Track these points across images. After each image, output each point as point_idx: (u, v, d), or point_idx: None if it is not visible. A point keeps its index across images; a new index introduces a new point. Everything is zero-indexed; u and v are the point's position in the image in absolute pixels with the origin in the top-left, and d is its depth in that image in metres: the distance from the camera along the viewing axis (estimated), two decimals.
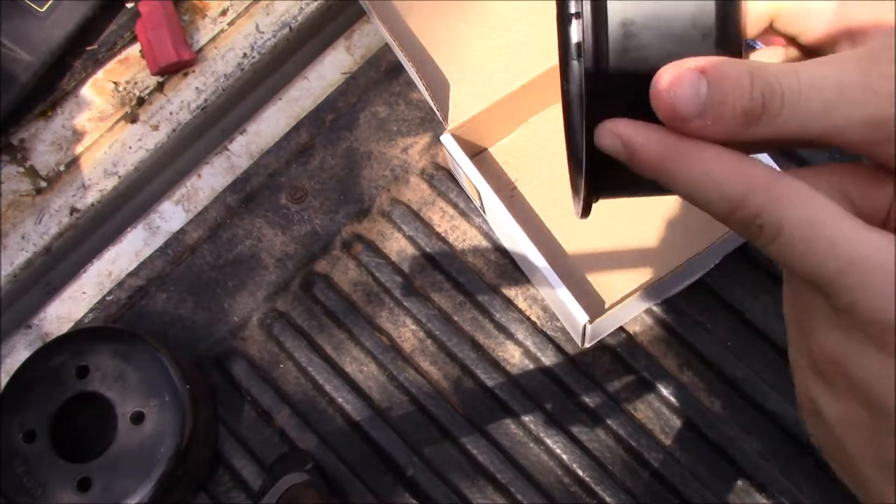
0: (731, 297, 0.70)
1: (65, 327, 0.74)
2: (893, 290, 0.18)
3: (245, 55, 0.79)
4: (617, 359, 0.70)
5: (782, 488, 0.66)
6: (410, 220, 0.75)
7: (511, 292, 0.73)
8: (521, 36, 0.70)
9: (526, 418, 0.69)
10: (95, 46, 0.79)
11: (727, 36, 0.24)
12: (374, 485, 0.68)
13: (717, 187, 0.21)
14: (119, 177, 0.76)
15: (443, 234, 0.74)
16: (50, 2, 0.75)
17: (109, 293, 0.74)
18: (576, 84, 0.28)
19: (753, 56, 0.28)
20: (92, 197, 0.76)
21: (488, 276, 0.73)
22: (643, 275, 0.69)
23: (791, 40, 0.26)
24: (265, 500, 0.64)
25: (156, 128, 0.78)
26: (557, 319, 0.71)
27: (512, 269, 0.73)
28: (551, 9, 0.80)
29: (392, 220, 0.75)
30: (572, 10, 0.28)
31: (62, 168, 0.76)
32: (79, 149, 0.77)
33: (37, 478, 0.62)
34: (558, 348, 0.71)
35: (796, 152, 0.74)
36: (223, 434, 0.70)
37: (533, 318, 0.72)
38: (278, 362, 0.72)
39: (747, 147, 0.22)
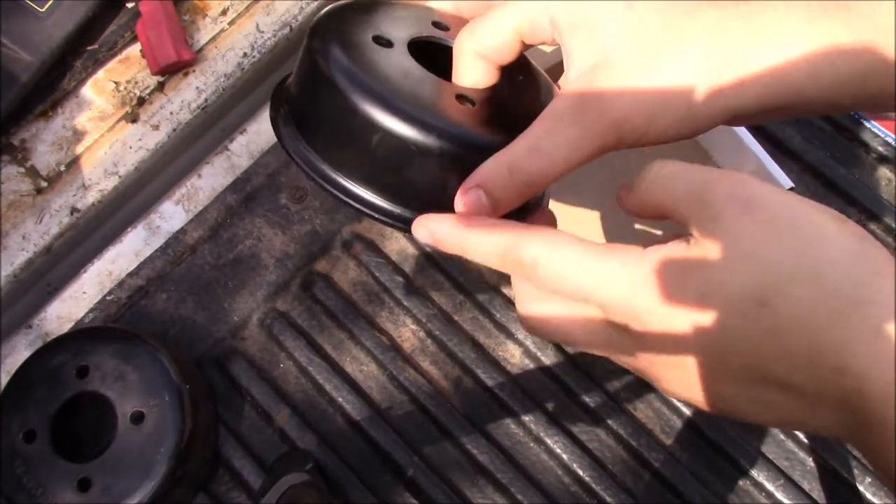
0: None
1: (65, 327, 0.74)
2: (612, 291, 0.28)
3: (245, 55, 0.79)
4: None
5: (782, 487, 0.66)
6: None
7: (512, 292, 0.73)
8: None
9: (526, 418, 0.69)
10: (96, 46, 0.79)
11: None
12: (374, 484, 0.68)
13: (489, 254, 0.30)
14: (119, 176, 0.76)
15: None
16: (50, 2, 0.75)
17: (109, 293, 0.74)
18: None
19: None
20: (92, 197, 0.76)
21: (489, 276, 0.73)
22: None
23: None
24: (265, 499, 0.64)
25: (156, 127, 0.78)
26: None
27: None
28: None
29: None
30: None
31: (63, 168, 0.76)
32: (79, 149, 0.77)
33: (37, 478, 0.62)
34: (559, 348, 0.71)
35: (781, 140, 0.74)
36: (223, 434, 0.70)
37: None
38: (278, 362, 0.72)
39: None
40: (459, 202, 0.30)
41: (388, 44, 0.34)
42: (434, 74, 0.33)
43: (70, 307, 0.75)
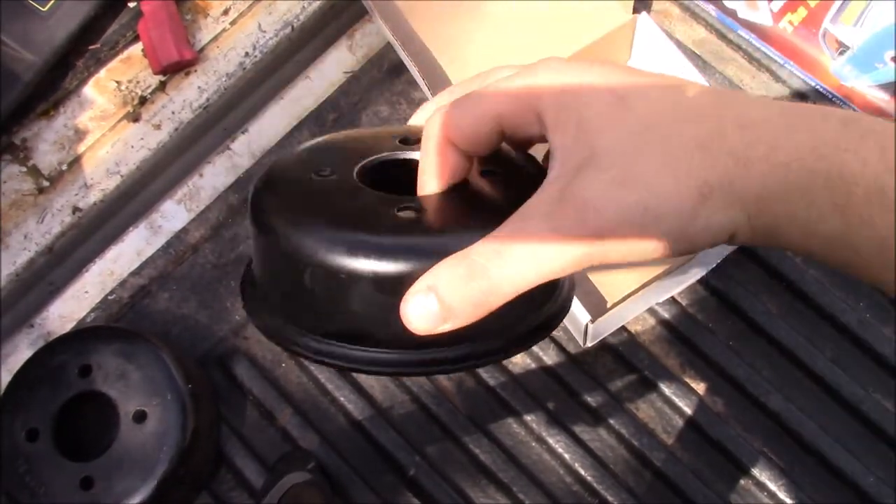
0: (733, 297, 0.70)
1: (67, 326, 0.74)
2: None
3: (247, 54, 0.79)
4: (619, 358, 0.70)
5: (783, 487, 0.66)
6: None
7: None
8: (523, 35, 0.70)
9: (528, 418, 0.69)
10: (98, 46, 0.79)
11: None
12: (376, 484, 0.68)
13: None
14: (121, 176, 0.76)
15: None
16: (52, 1, 0.75)
17: (111, 292, 0.74)
18: None
19: None
20: (94, 196, 0.76)
21: None
22: (645, 274, 0.69)
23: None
24: (267, 499, 0.64)
25: (158, 127, 0.78)
26: None
27: None
28: (552, 9, 0.79)
29: None
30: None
31: (64, 167, 0.76)
32: (81, 148, 0.77)
33: (39, 477, 0.62)
34: (560, 348, 0.71)
35: None
36: (225, 433, 0.70)
37: None
38: (280, 361, 0.72)
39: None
40: (404, 309, 0.26)
41: (329, 175, 0.30)
42: (396, 193, 0.29)
43: (72, 306, 0.75)
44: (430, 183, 0.30)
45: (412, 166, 0.31)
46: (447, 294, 0.26)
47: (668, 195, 0.26)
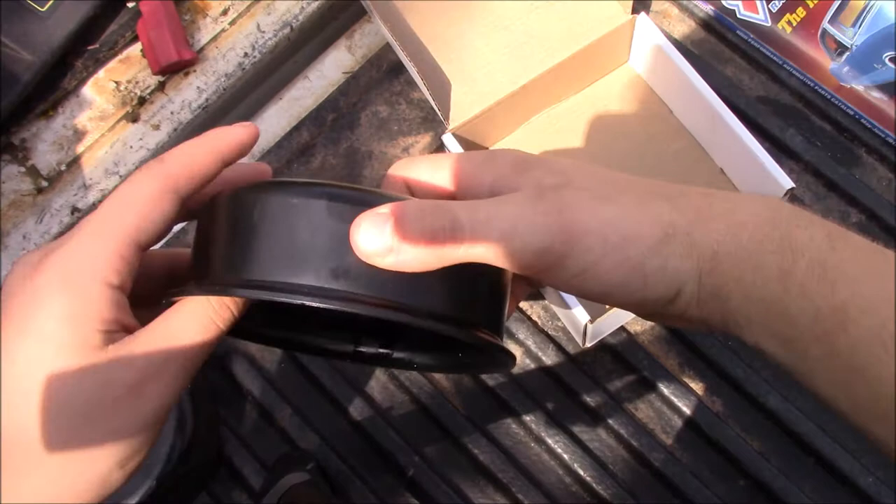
0: None
1: None
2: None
3: (246, 54, 0.80)
4: (618, 358, 0.70)
5: (783, 487, 0.66)
6: None
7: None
8: (522, 35, 0.70)
9: (527, 418, 0.69)
10: (97, 46, 0.79)
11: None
12: (375, 484, 0.68)
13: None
14: (120, 176, 0.76)
15: None
16: (51, 1, 0.75)
17: None
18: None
19: None
20: (93, 196, 0.76)
21: None
22: None
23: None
24: (266, 499, 0.64)
25: (157, 127, 0.78)
26: (558, 319, 0.71)
27: None
28: (552, 9, 0.79)
29: None
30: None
31: (63, 167, 0.76)
32: (80, 148, 0.77)
33: None
34: (559, 348, 0.71)
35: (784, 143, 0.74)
36: (224, 434, 0.70)
37: (534, 317, 0.72)
38: (280, 362, 0.72)
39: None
40: (356, 225, 0.25)
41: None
42: None
43: None
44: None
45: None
46: (407, 223, 0.25)
47: (638, 223, 0.26)
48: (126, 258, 0.27)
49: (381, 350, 0.36)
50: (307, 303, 0.25)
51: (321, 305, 0.25)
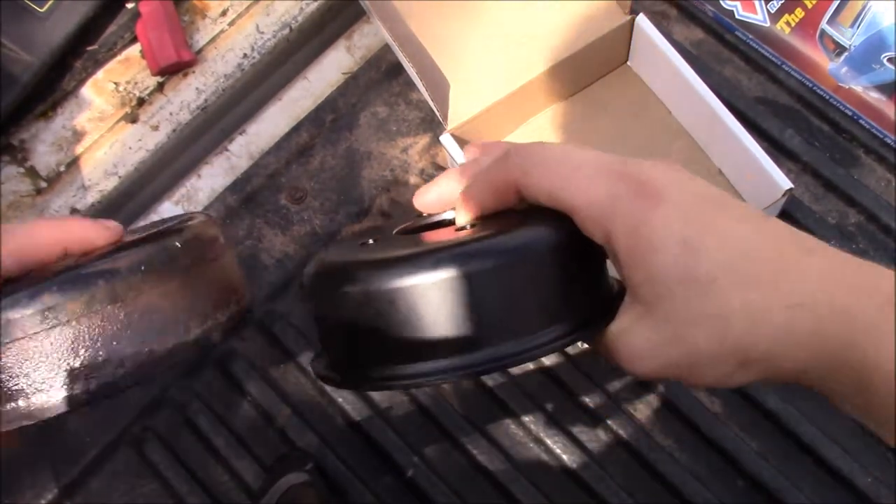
0: None
1: None
2: None
3: (245, 55, 0.80)
4: None
5: (782, 487, 0.66)
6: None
7: None
8: (520, 36, 0.70)
9: (526, 418, 0.69)
10: (96, 47, 0.79)
11: None
12: (374, 485, 0.68)
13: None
14: (119, 177, 0.76)
15: None
16: (50, 2, 0.75)
17: None
18: None
19: None
20: (92, 197, 0.76)
21: None
22: None
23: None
24: (265, 500, 0.64)
25: (156, 128, 0.78)
26: None
27: None
28: (552, 9, 0.80)
29: (392, 220, 0.75)
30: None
31: (62, 168, 0.76)
32: (79, 149, 0.77)
33: None
34: None
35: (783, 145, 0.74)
36: (223, 433, 0.70)
37: None
38: (279, 362, 0.72)
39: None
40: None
41: (374, 240, 0.32)
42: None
43: None
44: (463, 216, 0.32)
45: (445, 225, 0.34)
46: (490, 154, 0.32)
47: (712, 357, 0.27)
48: None
49: None
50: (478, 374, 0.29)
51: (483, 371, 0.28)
